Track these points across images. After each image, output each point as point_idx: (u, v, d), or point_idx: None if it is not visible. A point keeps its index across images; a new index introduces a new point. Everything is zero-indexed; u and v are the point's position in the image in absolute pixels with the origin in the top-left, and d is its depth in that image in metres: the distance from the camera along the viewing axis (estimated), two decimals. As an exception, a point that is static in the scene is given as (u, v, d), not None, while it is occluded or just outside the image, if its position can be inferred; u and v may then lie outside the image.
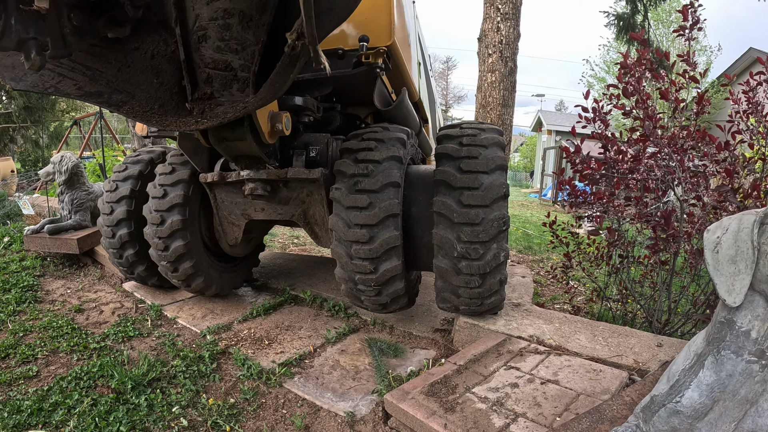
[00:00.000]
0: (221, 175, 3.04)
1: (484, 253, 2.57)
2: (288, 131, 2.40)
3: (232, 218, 3.37)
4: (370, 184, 2.62)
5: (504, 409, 2.06)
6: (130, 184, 3.56)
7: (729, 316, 1.41)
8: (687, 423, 1.41)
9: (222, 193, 3.26)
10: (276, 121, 2.32)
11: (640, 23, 9.78)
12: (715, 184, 3.04)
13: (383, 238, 2.61)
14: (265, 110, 2.26)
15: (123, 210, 3.48)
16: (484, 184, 2.58)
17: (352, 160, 2.74)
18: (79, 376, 2.53)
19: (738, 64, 14.71)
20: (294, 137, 3.04)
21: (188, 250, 3.30)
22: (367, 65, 2.83)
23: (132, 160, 3.76)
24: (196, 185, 3.31)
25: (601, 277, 4.13)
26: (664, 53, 3.46)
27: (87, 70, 1.81)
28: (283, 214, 3.15)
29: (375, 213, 2.59)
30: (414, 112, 3.69)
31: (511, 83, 6.42)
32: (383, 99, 3.15)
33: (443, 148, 2.77)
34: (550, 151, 20.12)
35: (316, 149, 3.03)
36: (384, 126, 3.02)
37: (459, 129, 2.91)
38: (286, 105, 2.66)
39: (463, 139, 2.78)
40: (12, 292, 3.77)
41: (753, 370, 1.34)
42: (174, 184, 3.28)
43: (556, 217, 3.83)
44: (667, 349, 2.60)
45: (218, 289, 3.73)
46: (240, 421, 2.28)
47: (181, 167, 3.35)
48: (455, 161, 2.68)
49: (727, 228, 1.42)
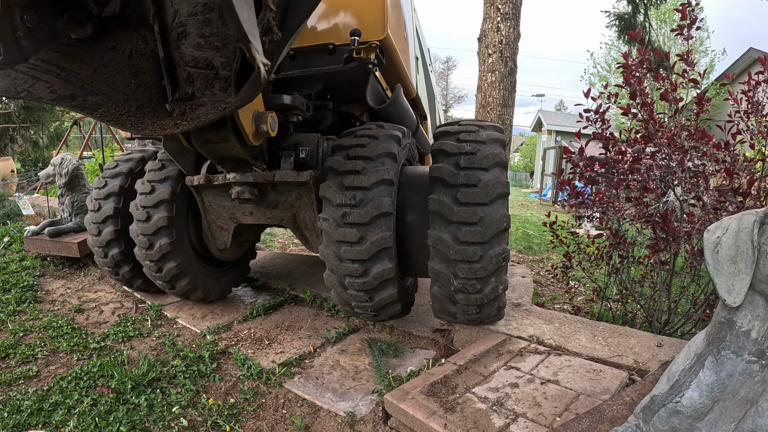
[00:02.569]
0: (207, 178, 2.93)
1: (483, 255, 2.41)
2: (274, 132, 2.28)
3: (221, 222, 3.25)
4: (361, 181, 2.49)
5: (504, 409, 2.06)
6: (119, 181, 3.47)
7: (729, 316, 1.41)
8: (687, 423, 1.41)
9: (209, 197, 3.15)
10: (261, 122, 2.19)
11: (641, 23, 9.78)
12: (715, 184, 3.04)
13: (374, 239, 2.47)
14: (249, 111, 2.14)
15: (110, 207, 3.39)
16: (482, 181, 2.43)
17: (344, 157, 2.61)
18: (79, 376, 2.53)
19: (738, 64, 14.71)
20: (283, 137, 2.92)
21: (173, 248, 3.18)
22: (359, 61, 2.68)
23: (124, 158, 3.69)
24: (179, 201, 3.22)
25: (601, 277, 4.13)
26: (665, 53, 3.46)
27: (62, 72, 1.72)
28: (272, 218, 3.04)
29: (366, 211, 2.46)
30: (410, 109, 3.56)
31: (511, 83, 6.41)
32: (377, 96, 3.02)
33: (440, 145, 2.64)
34: (550, 151, 20.13)
35: (306, 150, 2.90)
36: (378, 124, 2.91)
37: (458, 126, 2.79)
38: (273, 104, 2.55)
39: (461, 135, 2.64)
40: (12, 292, 3.77)
41: (753, 370, 1.34)
42: (162, 181, 3.18)
43: (557, 217, 3.83)
44: (667, 349, 2.60)
45: (205, 294, 3.59)
46: (240, 421, 2.28)
47: (171, 164, 3.24)
48: (452, 157, 2.56)
49: (727, 228, 1.42)
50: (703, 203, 2.95)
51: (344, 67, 2.72)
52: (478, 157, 2.49)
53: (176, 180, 3.19)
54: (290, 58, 2.85)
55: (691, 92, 3.36)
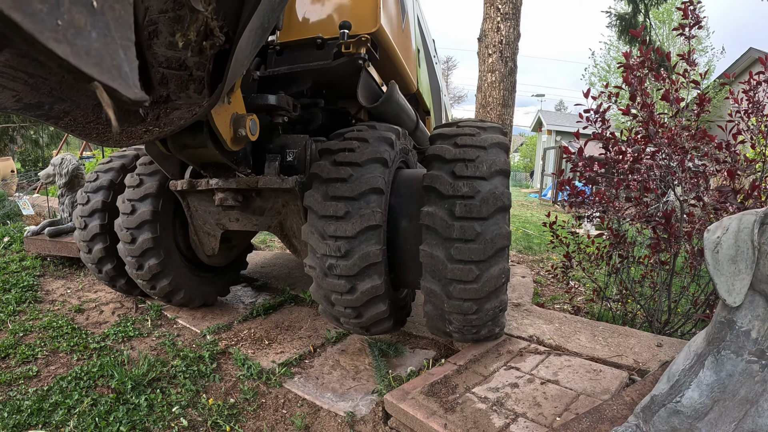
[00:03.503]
0: (191, 183, 2.77)
1: (479, 276, 2.17)
2: (254, 136, 2.10)
3: (207, 228, 3.10)
4: (348, 190, 2.28)
5: (504, 409, 2.06)
6: (101, 195, 3.34)
7: (729, 316, 1.41)
8: (687, 423, 1.41)
9: (195, 202, 2.99)
10: (239, 126, 2.01)
11: (642, 23, 9.79)
12: (715, 184, 3.04)
13: (362, 253, 2.27)
14: (226, 113, 1.97)
15: (96, 225, 3.28)
16: (482, 192, 2.20)
17: (330, 162, 2.41)
18: (79, 376, 2.53)
19: (738, 64, 14.71)
20: (269, 139, 2.73)
21: (163, 268, 3.10)
22: (348, 56, 2.48)
23: (104, 168, 3.53)
24: (166, 197, 3.08)
25: (601, 277, 4.13)
26: (666, 54, 3.46)
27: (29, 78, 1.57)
28: (258, 225, 2.88)
29: (352, 223, 2.25)
30: (408, 107, 3.32)
31: (511, 83, 6.41)
32: (370, 93, 2.81)
33: (435, 150, 2.41)
34: (550, 151, 20.13)
35: (293, 153, 2.69)
36: (371, 124, 2.69)
37: (455, 127, 2.56)
38: (255, 105, 2.38)
39: (460, 139, 2.40)
40: (12, 292, 3.77)
41: (753, 370, 1.34)
42: (142, 199, 3.03)
43: (557, 217, 3.83)
44: (667, 349, 2.60)
45: (188, 298, 3.46)
46: (240, 421, 2.28)
47: (149, 178, 3.09)
48: (448, 164, 2.32)
49: (727, 228, 1.42)
50: (704, 203, 2.95)
51: (333, 62, 2.53)
52: (478, 164, 2.26)
53: (156, 197, 3.09)
54: (276, 54, 2.70)
55: (692, 92, 3.36)
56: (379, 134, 2.54)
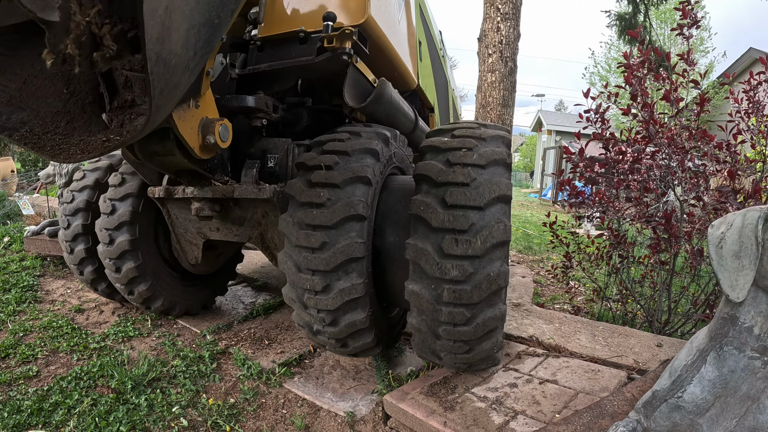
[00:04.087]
0: (168, 191, 2.61)
1: (473, 317, 1.93)
2: (225, 143, 1.92)
3: (189, 236, 2.94)
4: (324, 218, 2.03)
5: (503, 408, 2.06)
6: (86, 195, 3.21)
7: (732, 311, 1.41)
8: (688, 418, 1.41)
9: (175, 209, 2.84)
10: (207, 132, 1.83)
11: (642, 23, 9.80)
12: (715, 184, 3.03)
13: (341, 288, 2.05)
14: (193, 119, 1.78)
15: (78, 224, 3.15)
16: (475, 224, 1.90)
17: (305, 182, 2.15)
18: (79, 376, 2.53)
19: (738, 63, 14.72)
20: (250, 143, 2.53)
21: (141, 272, 2.97)
22: (331, 51, 2.24)
23: (91, 167, 3.41)
24: (148, 198, 2.89)
25: (601, 277, 4.13)
26: (665, 54, 3.46)
27: None
28: (240, 236, 2.69)
29: (329, 256, 2.02)
30: (404, 106, 3.00)
31: (511, 83, 6.42)
32: (360, 92, 2.55)
33: (424, 168, 2.08)
34: (550, 151, 20.14)
35: (275, 158, 2.46)
36: (354, 130, 2.39)
37: (449, 137, 2.19)
38: (230, 107, 2.16)
39: (452, 156, 2.04)
40: (12, 292, 3.77)
41: (755, 366, 1.34)
42: (122, 199, 2.90)
43: (557, 217, 3.83)
44: (667, 349, 2.60)
45: (184, 310, 3.37)
46: (240, 421, 2.27)
47: (132, 177, 2.96)
48: (438, 189, 2.00)
49: (731, 224, 1.41)
50: (704, 203, 2.94)
51: (316, 58, 2.28)
52: (473, 189, 1.93)
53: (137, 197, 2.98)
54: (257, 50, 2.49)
55: (692, 92, 3.36)
56: (362, 145, 2.23)
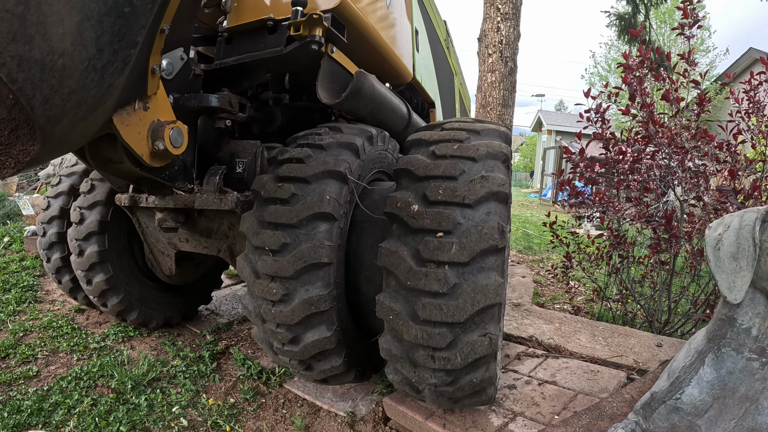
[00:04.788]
0: (133, 199, 2.42)
1: (456, 340, 1.57)
2: (178, 148, 1.72)
3: (161, 246, 2.76)
4: (287, 215, 1.77)
5: (502, 409, 2.06)
6: (61, 201, 3.04)
7: (730, 313, 1.41)
8: (687, 420, 1.41)
9: (144, 218, 2.65)
10: (157, 138, 1.63)
11: (642, 23, 9.80)
12: (716, 184, 3.04)
13: (303, 299, 1.75)
14: (141, 123, 1.58)
15: (54, 232, 2.99)
16: (462, 225, 1.57)
17: (272, 177, 1.92)
18: (79, 376, 2.53)
19: (738, 63, 14.74)
20: (219, 147, 2.30)
21: (112, 285, 2.81)
22: (299, 39, 1.98)
23: (66, 172, 3.23)
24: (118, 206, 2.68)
25: (601, 277, 4.13)
26: (666, 54, 3.46)
27: None
28: (209, 248, 2.49)
29: (290, 260, 1.73)
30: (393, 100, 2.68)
31: (511, 83, 6.42)
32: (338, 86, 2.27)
33: (404, 162, 1.80)
34: (550, 151, 20.14)
35: (243, 163, 2.23)
36: (335, 126, 2.17)
37: (438, 130, 1.92)
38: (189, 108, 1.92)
39: (440, 148, 1.76)
40: (12, 292, 3.77)
41: (753, 367, 1.34)
42: (90, 207, 2.73)
43: (557, 217, 3.83)
44: (667, 349, 2.60)
45: (162, 322, 3.18)
46: (240, 421, 2.27)
47: (101, 184, 2.77)
48: (420, 183, 1.70)
49: (729, 225, 1.42)
50: (704, 203, 2.95)
51: (284, 49, 2.02)
52: (461, 183, 1.63)
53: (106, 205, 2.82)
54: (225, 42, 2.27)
55: (692, 92, 3.36)
56: (341, 139, 2.01)
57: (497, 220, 1.58)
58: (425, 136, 1.90)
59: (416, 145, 1.90)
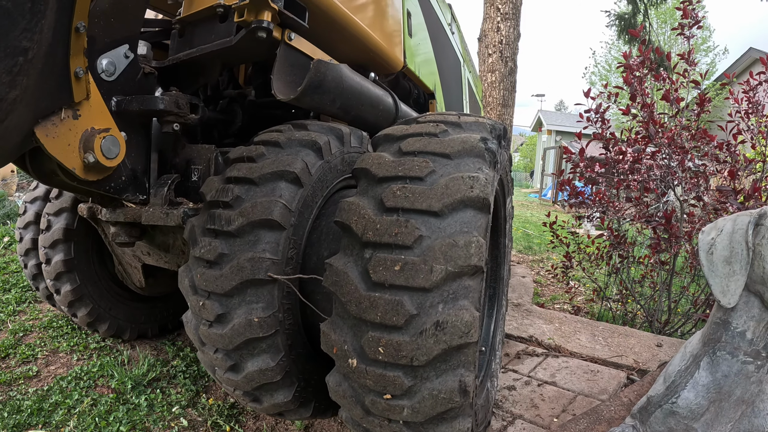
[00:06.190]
0: (91, 210, 2.24)
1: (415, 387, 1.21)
2: (113, 160, 1.54)
3: (127, 259, 2.61)
4: (227, 221, 1.52)
5: (501, 411, 2.06)
6: (37, 206, 2.94)
7: (724, 317, 1.41)
8: (683, 424, 1.41)
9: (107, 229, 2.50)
10: (88, 149, 1.44)
11: (642, 23, 9.80)
12: (715, 184, 3.04)
13: (240, 321, 1.47)
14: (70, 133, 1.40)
15: (29, 238, 2.87)
16: (425, 238, 1.22)
17: (221, 179, 1.68)
18: (79, 376, 2.54)
19: (738, 63, 14.73)
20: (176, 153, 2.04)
21: (79, 296, 2.67)
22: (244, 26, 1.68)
23: None
24: None
25: (601, 277, 4.13)
26: (666, 54, 3.46)
27: None
28: (169, 263, 2.26)
29: (227, 274, 1.47)
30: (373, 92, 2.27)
31: (511, 83, 6.42)
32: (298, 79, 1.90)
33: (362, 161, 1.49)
34: (550, 151, 20.13)
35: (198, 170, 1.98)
36: (299, 123, 1.88)
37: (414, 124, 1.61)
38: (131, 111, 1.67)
39: (405, 143, 1.45)
40: (12, 292, 3.78)
41: (748, 370, 1.34)
42: (57, 214, 2.60)
43: (557, 217, 3.83)
44: (667, 349, 2.60)
45: (136, 334, 3.03)
46: (240, 421, 2.28)
47: None
48: (377, 187, 1.38)
49: (721, 229, 1.42)
50: (704, 203, 2.95)
51: (233, 40, 1.76)
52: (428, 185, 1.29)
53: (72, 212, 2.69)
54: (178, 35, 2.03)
55: (692, 92, 3.36)
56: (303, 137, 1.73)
57: (474, 234, 1.22)
58: (395, 131, 1.58)
59: (384, 141, 1.58)
